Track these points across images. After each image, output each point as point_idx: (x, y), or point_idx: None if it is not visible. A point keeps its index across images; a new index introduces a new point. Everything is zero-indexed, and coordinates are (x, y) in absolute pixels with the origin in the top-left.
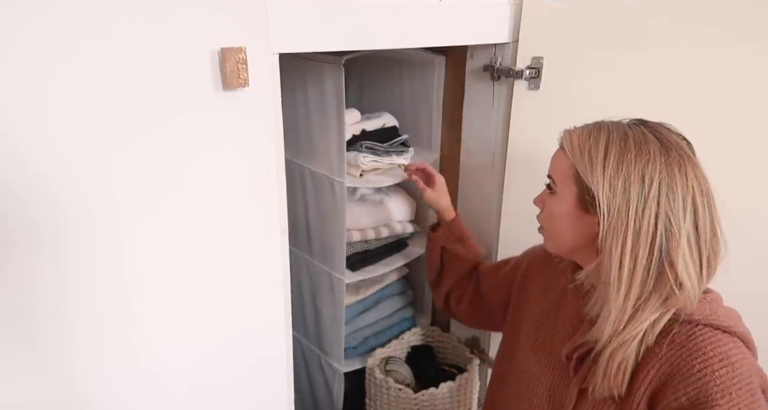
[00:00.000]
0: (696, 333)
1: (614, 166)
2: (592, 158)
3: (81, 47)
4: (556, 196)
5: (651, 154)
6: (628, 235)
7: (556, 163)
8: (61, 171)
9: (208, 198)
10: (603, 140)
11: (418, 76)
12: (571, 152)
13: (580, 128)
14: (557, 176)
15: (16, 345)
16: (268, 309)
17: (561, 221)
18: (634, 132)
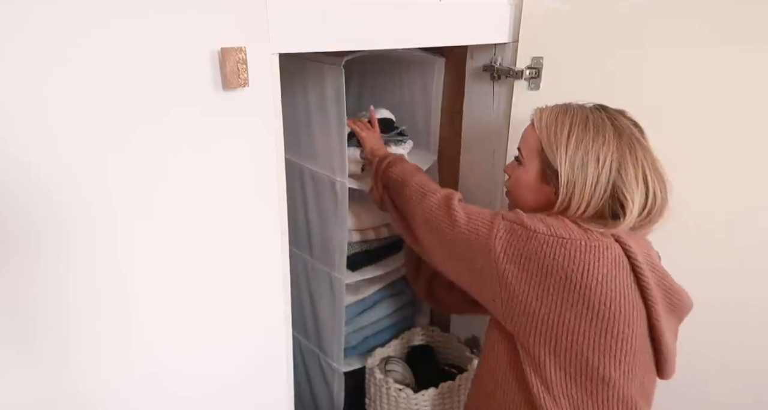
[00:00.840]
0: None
1: (574, 146)
2: (557, 136)
3: (80, 47)
4: (523, 166)
5: (605, 137)
6: (580, 204)
7: (526, 138)
8: (60, 171)
9: (208, 198)
10: (567, 121)
11: (418, 76)
12: (539, 129)
13: (550, 108)
14: (525, 149)
15: (14, 346)
16: (267, 309)
17: (523, 189)
18: (594, 116)
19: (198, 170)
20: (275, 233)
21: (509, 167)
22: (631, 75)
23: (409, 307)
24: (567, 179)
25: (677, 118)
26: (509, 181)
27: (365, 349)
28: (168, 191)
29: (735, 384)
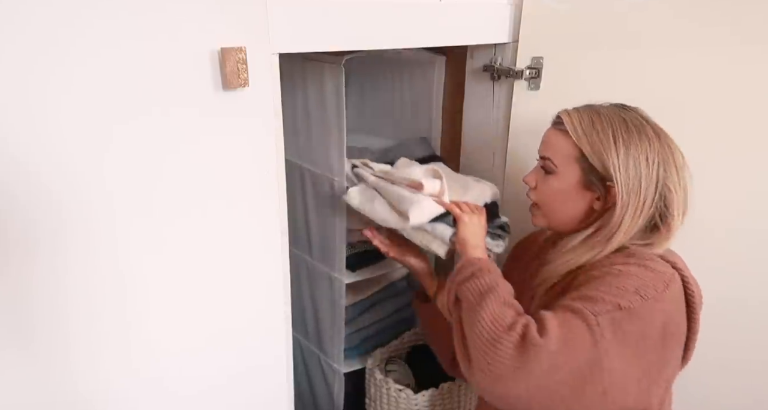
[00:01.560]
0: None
1: (624, 149)
2: (602, 141)
3: (79, 46)
4: (557, 175)
5: (649, 138)
6: (638, 207)
7: (555, 145)
8: (60, 171)
9: (208, 198)
10: (607, 124)
11: (418, 76)
12: (577, 136)
13: (578, 112)
14: (557, 157)
15: (14, 346)
16: (267, 309)
17: (561, 199)
18: (629, 116)
19: (198, 170)
20: (275, 233)
21: (531, 177)
22: (631, 75)
23: (410, 308)
24: (623, 182)
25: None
26: (536, 192)
27: (365, 350)
28: (168, 191)
29: (735, 384)
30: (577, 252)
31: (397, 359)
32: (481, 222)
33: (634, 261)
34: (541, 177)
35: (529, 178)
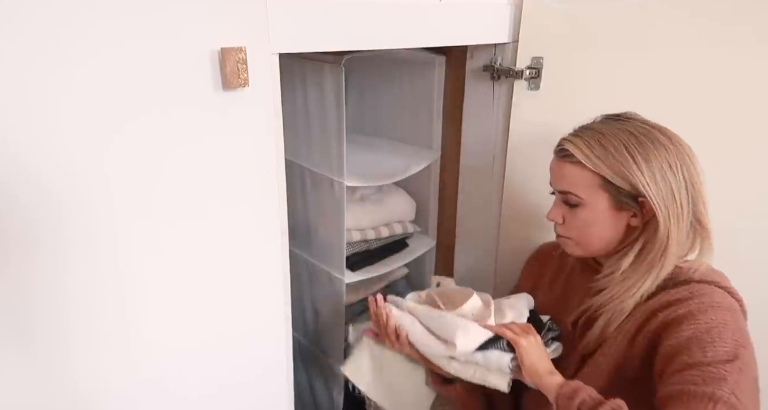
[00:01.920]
0: (686, 285)
1: (645, 164)
2: (622, 163)
3: (78, 46)
4: (585, 206)
5: (662, 143)
6: (678, 214)
7: (572, 178)
8: (60, 171)
9: (208, 198)
10: (617, 142)
11: (418, 76)
12: (593, 164)
13: (581, 138)
14: (579, 189)
15: (13, 346)
16: (267, 309)
17: (596, 226)
18: (632, 128)
19: (198, 170)
20: (275, 233)
21: (556, 213)
22: (631, 75)
23: None
24: (656, 195)
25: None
26: (565, 227)
27: None
28: (168, 191)
29: None
30: (637, 275)
31: None
32: (538, 341)
33: (706, 301)
34: (567, 211)
35: (554, 215)
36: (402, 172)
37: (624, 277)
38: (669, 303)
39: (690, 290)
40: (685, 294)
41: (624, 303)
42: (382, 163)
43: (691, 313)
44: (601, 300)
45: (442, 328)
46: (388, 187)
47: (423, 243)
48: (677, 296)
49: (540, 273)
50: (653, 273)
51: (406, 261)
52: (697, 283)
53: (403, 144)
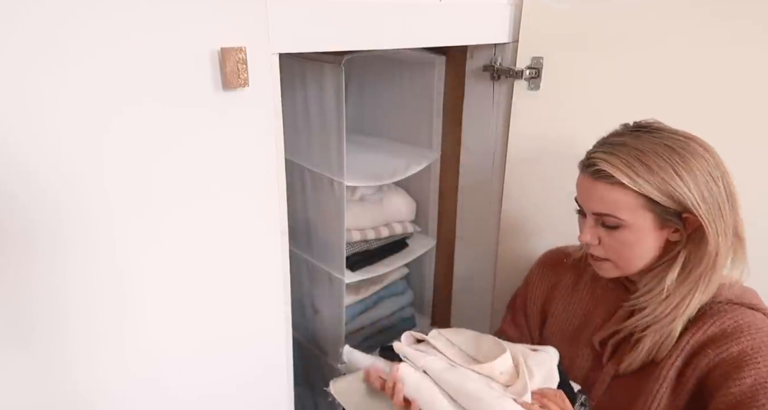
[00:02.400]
0: (727, 308)
1: (692, 180)
2: (668, 182)
3: (77, 46)
4: (626, 227)
5: (700, 154)
6: (725, 227)
7: (612, 200)
8: (58, 171)
9: (208, 198)
10: (661, 160)
11: (418, 76)
12: (638, 185)
13: (618, 157)
14: (620, 211)
15: (12, 346)
16: (267, 309)
17: (639, 247)
18: (667, 140)
19: (197, 170)
20: (275, 233)
21: (592, 235)
22: (631, 75)
23: (410, 307)
24: (705, 211)
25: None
26: (603, 248)
27: (365, 349)
28: (167, 191)
29: None
30: (682, 293)
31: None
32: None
33: (757, 337)
34: (603, 232)
35: (589, 237)
36: (402, 172)
37: (667, 295)
38: (717, 337)
39: (734, 318)
40: (731, 324)
41: (673, 323)
42: (382, 163)
43: (746, 354)
44: (645, 320)
45: (473, 403)
46: (388, 187)
47: (423, 243)
48: (723, 326)
49: (553, 282)
50: (700, 290)
51: (406, 261)
52: (738, 306)
53: (403, 144)
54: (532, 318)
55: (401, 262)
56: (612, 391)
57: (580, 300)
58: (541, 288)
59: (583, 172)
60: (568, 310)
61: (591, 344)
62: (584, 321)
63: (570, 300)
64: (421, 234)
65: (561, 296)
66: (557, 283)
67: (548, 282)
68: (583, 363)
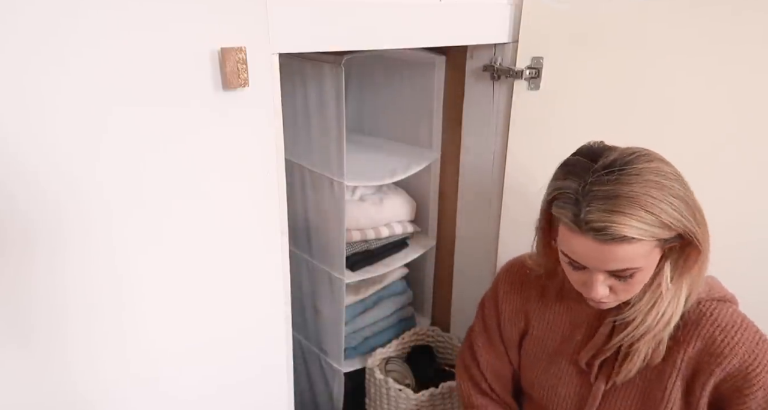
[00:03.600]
0: (708, 306)
1: (679, 202)
2: (669, 219)
3: (78, 46)
4: (640, 272)
5: (674, 176)
6: (705, 233)
7: (629, 257)
8: (58, 171)
9: (207, 198)
10: (658, 202)
11: (418, 76)
12: (651, 233)
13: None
14: (637, 262)
15: (11, 346)
16: (268, 309)
17: (647, 278)
18: (646, 175)
19: (197, 170)
20: (275, 233)
21: (603, 291)
22: (631, 75)
23: (410, 307)
24: (696, 230)
25: (677, 118)
26: (615, 297)
27: (365, 349)
28: (167, 191)
29: None
30: (669, 296)
31: (397, 359)
32: None
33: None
34: (615, 282)
35: (602, 293)
36: (402, 172)
37: (654, 304)
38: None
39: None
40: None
41: (666, 329)
42: (382, 163)
43: (747, 363)
44: (639, 331)
45: None
46: (388, 187)
47: (423, 244)
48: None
49: (525, 296)
50: (684, 293)
51: (406, 261)
52: (714, 302)
53: (403, 144)
54: (510, 342)
55: (401, 262)
56: (608, 404)
57: (556, 317)
58: (512, 303)
59: (584, 235)
60: (545, 328)
61: (574, 362)
62: (564, 339)
63: (545, 319)
64: (421, 234)
65: (534, 314)
66: (528, 298)
67: (517, 302)
68: (570, 382)
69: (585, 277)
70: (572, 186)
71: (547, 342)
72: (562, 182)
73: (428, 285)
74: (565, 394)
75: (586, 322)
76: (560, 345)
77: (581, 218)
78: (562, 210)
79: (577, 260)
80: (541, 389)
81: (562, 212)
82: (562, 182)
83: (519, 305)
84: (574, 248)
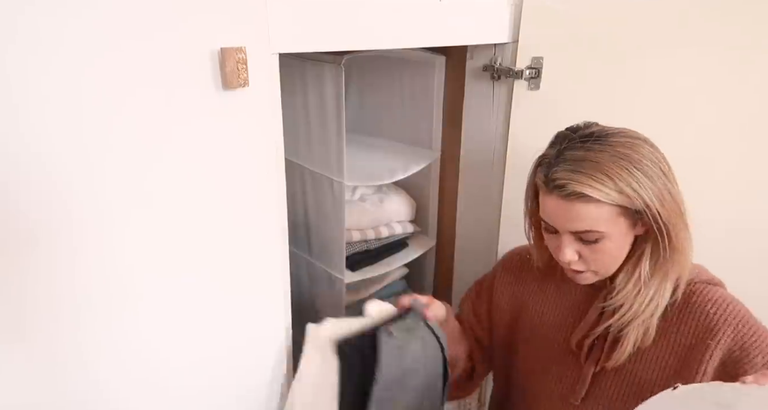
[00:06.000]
0: (697, 287)
1: (649, 181)
2: (633, 188)
3: (78, 46)
4: (607, 239)
5: (647, 150)
6: (678, 212)
7: (590, 217)
8: (56, 172)
9: (207, 198)
10: (622, 170)
11: (418, 76)
12: (611, 198)
13: (582, 174)
14: (600, 225)
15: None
16: (267, 309)
17: (618, 251)
18: (620, 147)
19: (197, 170)
20: (275, 233)
21: (572, 253)
22: (631, 75)
23: None
24: (660, 205)
25: (677, 118)
26: (584, 262)
27: None
28: (167, 191)
29: None
30: (655, 282)
31: None
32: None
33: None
34: (582, 247)
35: (569, 255)
36: (402, 172)
37: (640, 289)
38: (709, 325)
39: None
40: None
41: (653, 315)
42: (382, 163)
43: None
44: (626, 317)
45: None
46: (388, 187)
47: (423, 243)
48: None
49: (522, 279)
50: (671, 277)
51: (406, 261)
52: (703, 284)
53: (403, 144)
54: (498, 325)
55: (401, 262)
56: (598, 387)
57: (549, 304)
58: (508, 295)
59: (551, 193)
60: (538, 314)
61: (565, 345)
62: (555, 324)
63: (539, 306)
64: (421, 234)
65: (530, 302)
66: (523, 288)
67: (514, 288)
68: (561, 365)
69: (557, 242)
70: (550, 152)
71: (540, 327)
72: (544, 152)
73: (428, 285)
74: (556, 377)
75: (576, 307)
76: (552, 329)
77: (549, 177)
78: (538, 174)
79: (547, 220)
80: (533, 373)
81: (538, 176)
82: (544, 152)
83: (515, 287)
84: (545, 208)
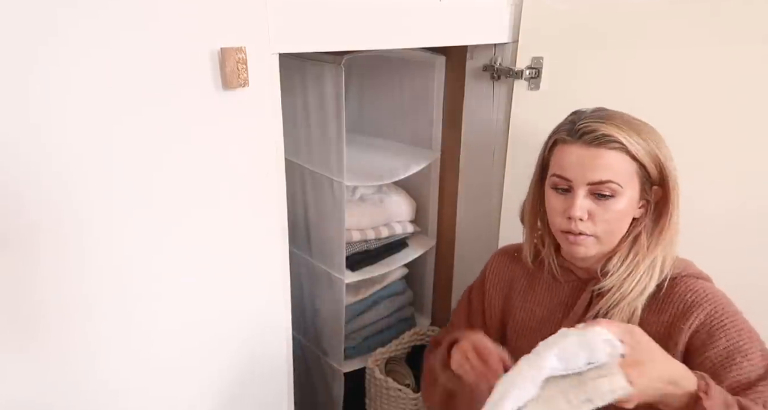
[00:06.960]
0: (682, 280)
1: (665, 150)
2: (651, 148)
3: (79, 46)
4: (621, 196)
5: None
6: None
7: (613, 165)
8: (61, 171)
9: (207, 198)
10: (641, 131)
11: (418, 76)
12: (635, 148)
13: (611, 124)
14: (620, 177)
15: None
16: (268, 309)
17: (624, 219)
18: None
19: (197, 170)
20: (275, 233)
21: (581, 208)
22: (631, 74)
23: (409, 307)
24: (673, 178)
25: (678, 116)
26: (594, 223)
27: (365, 349)
28: (167, 191)
29: None
30: (644, 267)
31: (397, 359)
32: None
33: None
34: (593, 205)
35: (580, 211)
36: (402, 171)
37: (630, 272)
38: (684, 310)
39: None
40: (691, 296)
41: (638, 299)
42: (382, 163)
43: (713, 317)
44: (614, 298)
45: None
46: (388, 187)
47: (423, 243)
48: (685, 298)
49: (508, 287)
50: (658, 265)
51: (406, 261)
52: (688, 277)
53: (403, 144)
54: (491, 327)
55: (401, 262)
56: None
57: (538, 300)
58: (499, 296)
59: (574, 143)
60: (528, 311)
61: None
62: (544, 319)
63: (528, 303)
64: (421, 234)
65: (519, 299)
66: (512, 287)
67: (503, 288)
68: None
69: (568, 203)
70: (568, 118)
71: (530, 321)
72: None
73: (428, 285)
74: None
75: (566, 303)
76: (542, 323)
77: (575, 128)
78: (559, 135)
79: (564, 174)
80: None
81: (559, 136)
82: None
83: (504, 292)
84: (564, 161)
